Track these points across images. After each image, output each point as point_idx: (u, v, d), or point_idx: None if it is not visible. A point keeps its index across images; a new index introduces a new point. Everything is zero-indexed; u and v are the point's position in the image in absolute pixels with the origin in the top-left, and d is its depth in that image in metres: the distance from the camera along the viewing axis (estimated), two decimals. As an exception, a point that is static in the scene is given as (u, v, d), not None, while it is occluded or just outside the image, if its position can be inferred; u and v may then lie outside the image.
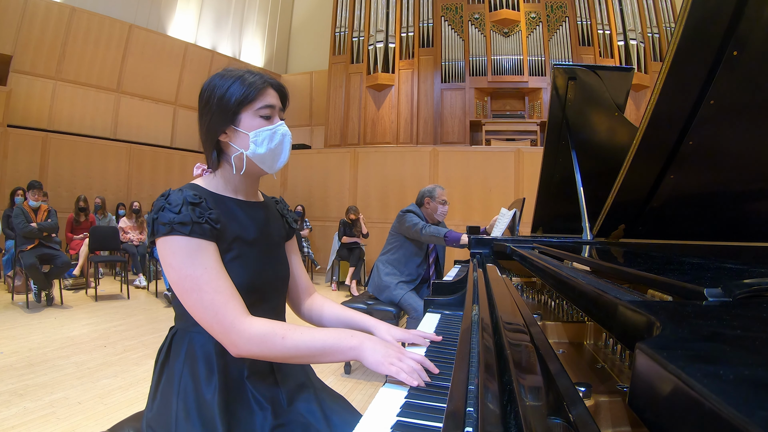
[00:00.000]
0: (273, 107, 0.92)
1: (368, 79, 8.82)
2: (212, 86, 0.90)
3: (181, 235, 0.80)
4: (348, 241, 6.07)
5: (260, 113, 0.90)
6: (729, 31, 0.94)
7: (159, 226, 0.81)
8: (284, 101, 0.97)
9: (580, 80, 1.95)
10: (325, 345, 0.82)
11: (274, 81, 0.93)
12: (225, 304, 0.80)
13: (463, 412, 0.53)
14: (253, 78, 0.90)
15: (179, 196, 0.83)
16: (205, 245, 0.82)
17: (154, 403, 0.87)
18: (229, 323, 0.79)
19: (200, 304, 0.79)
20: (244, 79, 0.89)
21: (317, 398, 0.94)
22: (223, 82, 0.89)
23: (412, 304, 2.59)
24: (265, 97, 0.91)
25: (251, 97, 0.88)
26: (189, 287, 0.79)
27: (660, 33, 8.12)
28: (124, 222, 5.84)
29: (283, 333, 0.81)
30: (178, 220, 0.80)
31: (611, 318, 0.47)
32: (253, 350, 0.80)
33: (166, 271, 0.83)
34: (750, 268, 0.63)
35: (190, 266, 0.80)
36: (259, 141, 0.89)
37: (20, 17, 6.99)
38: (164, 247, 0.81)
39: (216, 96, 0.88)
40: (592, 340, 0.82)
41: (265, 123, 0.91)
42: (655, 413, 0.27)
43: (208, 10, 9.75)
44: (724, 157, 1.20)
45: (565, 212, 2.28)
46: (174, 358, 0.87)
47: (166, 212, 0.81)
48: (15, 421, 2.00)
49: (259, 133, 0.89)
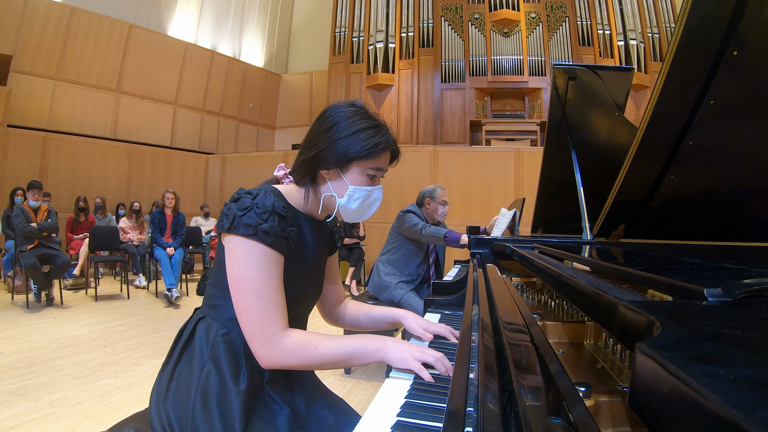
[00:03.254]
0: (382, 171, 0.93)
1: (368, 79, 8.83)
2: (337, 121, 0.89)
3: (261, 243, 0.82)
4: (349, 242, 6.08)
5: (369, 172, 0.91)
6: (729, 31, 0.94)
7: (242, 226, 0.81)
8: (392, 163, 0.98)
9: (580, 80, 1.95)
10: (354, 350, 0.85)
11: (395, 147, 0.94)
12: (274, 317, 0.82)
13: (463, 412, 0.53)
14: (380, 139, 0.89)
15: (268, 202, 0.84)
16: (277, 258, 0.84)
17: (170, 384, 0.87)
18: (270, 335, 0.81)
19: (252, 309, 0.81)
20: (370, 136, 0.88)
21: (326, 403, 0.96)
22: (348, 126, 0.88)
23: (412, 304, 2.59)
24: (381, 161, 0.92)
25: (370, 157, 0.89)
26: (248, 290, 0.81)
27: (660, 33, 8.12)
28: (124, 222, 5.84)
29: (317, 344, 0.84)
30: (264, 227, 0.82)
31: (611, 318, 0.47)
32: (288, 362, 0.83)
33: (230, 266, 0.84)
34: (750, 268, 0.63)
35: (257, 272, 0.81)
36: (355, 197, 0.91)
37: (20, 17, 6.99)
38: (239, 246, 0.82)
39: (337, 134, 0.88)
40: (592, 340, 0.82)
41: (368, 182, 0.92)
42: (655, 413, 0.26)
43: (208, 10, 9.75)
44: (724, 157, 1.20)
45: (565, 212, 2.28)
46: (197, 342, 0.89)
47: (253, 215, 0.82)
48: (15, 421, 2.00)
49: (358, 190, 0.91)
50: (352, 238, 6.12)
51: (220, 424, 0.80)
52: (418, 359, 0.81)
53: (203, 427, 0.80)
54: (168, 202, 5.02)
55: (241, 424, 0.80)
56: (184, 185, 8.20)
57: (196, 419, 0.81)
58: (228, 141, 9.94)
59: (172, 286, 4.71)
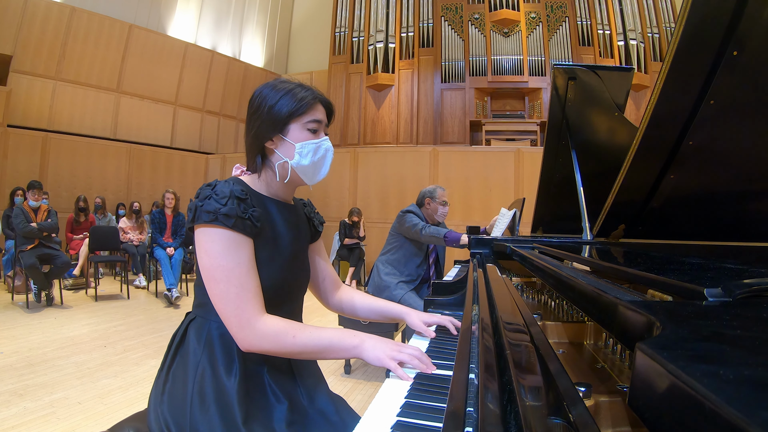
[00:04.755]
0: (320, 122, 0.95)
1: (368, 79, 8.82)
2: (264, 95, 0.93)
3: (223, 227, 0.83)
4: (349, 242, 6.09)
5: (308, 126, 0.93)
6: (729, 31, 0.94)
7: (203, 214, 0.83)
8: (330, 118, 1.00)
9: (580, 80, 1.95)
10: (330, 343, 0.86)
11: (323, 97, 0.97)
12: (248, 301, 0.83)
13: (463, 412, 0.53)
14: (305, 92, 0.93)
15: (226, 188, 0.86)
16: (244, 241, 0.85)
17: (165, 386, 0.88)
18: (246, 319, 0.82)
19: (225, 295, 0.82)
20: (295, 93, 0.92)
21: (330, 395, 0.97)
22: (275, 93, 0.92)
23: (412, 304, 2.59)
24: (314, 112, 0.94)
25: (301, 111, 0.92)
26: (219, 277, 0.82)
27: (660, 33, 8.12)
28: (124, 222, 5.84)
29: (294, 332, 0.85)
30: (223, 211, 0.83)
31: (611, 318, 0.47)
32: (264, 346, 0.84)
33: (199, 257, 0.85)
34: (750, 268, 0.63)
35: (225, 257, 0.83)
36: (304, 153, 0.93)
37: (20, 17, 6.99)
38: (204, 235, 0.84)
39: (267, 104, 0.91)
40: (592, 340, 0.82)
41: (311, 136, 0.94)
42: (655, 413, 0.26)
43: (208, 10, 9.74)
44: (724, 157, 1.20)
45: (565, 212, 2.28)
46: (190, 343, 0.89)
47: (212, 201, 0.84)
48: (15, 421, 2.00)
49: (305, 145, 0.93)
50: (352, 238, 6.12)
51: (219, 419, 0.80)
52: (394, 358, 0.82)
53: (202, 424, 0.80)
54: (168, 202, 5.02)
55: (242, 414, 0.81)
56: (184, 185, 8.20)
57: (194, 417, 0.81)
58: (228, 141, 9.94)
59: (172, 286, 4.71)
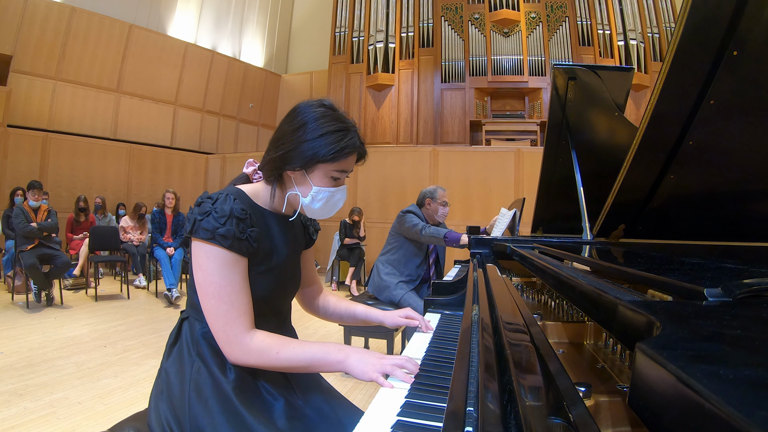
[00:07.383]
0: (346, 173, 0.93)
1: (368, 79, 8.82)
2: (305, 122, 0.89)
3: (219, 246, 0.83)
4: (349, 242, 6.08)
5: (333, 175, 0.91)
6: (729, 31, 0.94)
7: (201, 230, 0.84)
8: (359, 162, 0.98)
9: (580, 80, 1.95)
10: (314, 359, 0.87)
11: (362, 150, 0.94)
12: (236, 318, 0.84)
13: (463, 412, 0.53)
14: (348, 141, 0.89)
15: (227, 206, 0.85)
16: (238, 260, 0.86)
17: (164, 385, 0.89)
18: (233, 335, 0.84)
19: (215, 310, 0.84)
20: (338, 139, 0.88)
21: (325, 397, 0.98)
22: (317, 128, 0.88)
23: (412, 304, 2.59)
24: (346, 163, 0.92)
25: (336, 160, 0.89)
26: (210, 292, 0.84)
27: (660, 33, 8.12)
28: (125, 221, 5.83)
29: (278, 348, 0.85)
30: (221, 232, 0.83)
31: (611, 318, 0.47)
32: (250, 362, 0.85)
33: (194, 269, 0.87)
34: (750, 268, 0.63)
35: (218, 275, 0.84)
36: (318, 197, 0.92)
37: (20, 17, 6.99)
38: (200, 250, 0.85)
39: (304, 136, 0.88)
40: (592, 340, 0.82)
41: (332, 184, 0.92)
42: (655, 413, 0.26)
43: (208, 10, 9.74)
44: (724, 157, 1.19)
45: (565, 212, 2.28)
46: (184, 341, 0.91)
47: (211, 219, 0.84)
48: (15, 421, 2.00)
49: (322, 191, 0.92)
50: (352, 238, 6.12)
51: (219, 411, 0.81)
52: (379, 371, 0.82)
53: (202, 418, 0.81)
54: (168, 202, 5.02)
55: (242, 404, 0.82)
56: (184, 185, 8.21)
57: (193, 411, 0.82)
58: (228, 141, 9.94)
59: (172, 286, 4.71)
